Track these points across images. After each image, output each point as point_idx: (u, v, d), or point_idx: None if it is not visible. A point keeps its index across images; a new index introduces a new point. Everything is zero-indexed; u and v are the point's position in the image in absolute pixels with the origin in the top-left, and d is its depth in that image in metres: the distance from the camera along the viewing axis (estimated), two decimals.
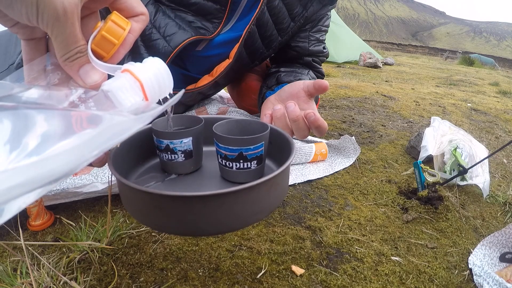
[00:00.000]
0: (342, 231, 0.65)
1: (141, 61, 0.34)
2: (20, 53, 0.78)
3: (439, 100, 2.06)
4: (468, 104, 2.00)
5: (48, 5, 0.27)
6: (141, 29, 0.36)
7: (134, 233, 0.59)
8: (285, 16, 0.87)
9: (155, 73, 0.33)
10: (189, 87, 0.88)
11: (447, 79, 3.52)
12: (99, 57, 0.33)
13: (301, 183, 0.82)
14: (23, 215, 0.59)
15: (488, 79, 3.89)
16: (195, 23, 0.81)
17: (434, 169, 0.90)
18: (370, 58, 4.22)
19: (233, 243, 0.58)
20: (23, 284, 0.44)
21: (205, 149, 0.49)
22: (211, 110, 1.00)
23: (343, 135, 1.00)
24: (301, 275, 0.53)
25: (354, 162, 0.95)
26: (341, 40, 4.48)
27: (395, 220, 0.70)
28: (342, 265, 0.56)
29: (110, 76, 0.33)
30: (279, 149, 0.46)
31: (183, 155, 0.44)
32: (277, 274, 0.52)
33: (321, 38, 0.98)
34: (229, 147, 0.40)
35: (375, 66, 4.13)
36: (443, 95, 2.30)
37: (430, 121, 1.38)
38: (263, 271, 0.52)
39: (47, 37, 0.34)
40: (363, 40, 5.83)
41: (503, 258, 0.60)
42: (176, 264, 0.53)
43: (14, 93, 0.29)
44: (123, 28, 0.33)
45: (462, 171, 0.83)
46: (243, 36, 0.83)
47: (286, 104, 0.58)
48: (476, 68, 6.34)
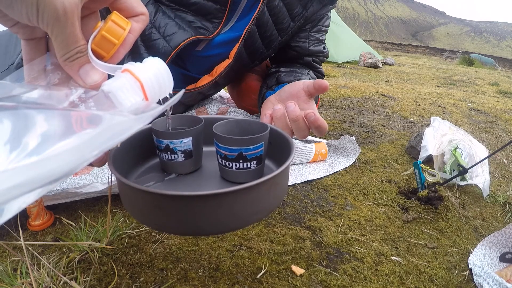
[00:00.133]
0: (342, 231, 0.65)
1: (141, 61, 0.34)
2: (20, 53, 0.78)
3: (439, 100, 2.06)
4: (468, 104, 2.00)
5: (48, 5, 0.27)
6: (141, 29, 0.36)
7: (134, 233, 0.59)
8: (285, 16, 0.87)
9: (155, 73, 0.33)
10: (189, 87, 0.88)
11: (447, 79, 3.52)
12: (99, 57, 0.33)
13: (301, 183, 0.82)
14: (23, 215, 0.59)
15: (488, 79, 3.89)
16: (195, 23, 0.81)
17: (434, 169, 0.90)
18: (370, 58, 4.22)
19: (233, 243, 0.58)
20: (23, 284, 0.44)
21: (205, 149, 0.49)
22: (211, 110, 1.00)
23: (343, 135, 1.00)
24: (301, 275, 0.53)
25: (354, 162, 0.95)
26: (341, 40, 4.48)
27: (395, 220, 0.70)
28: (342, 265, 0.56)
29: (110, 76, 0.33)
30: (279, 149, 0.46)
31: (183, 155, 0.44)
32: (277, 274, 0.52)
33: (321, 38, 0.98)
34: (229, 147, 0.40)
35: (375, 66, 4.13)
36: (443, 95, 2.30)
37: (430, 121, 1.38)
38: (263, 271, 0.52)
39: (47, 37, 0.34)
40: (363, 40, 5.83)
41: (503, 258, 0.60)
42: (176, 264, 0.53)
43: (14, 93, 0.29)
44: (123, 28, 0.33)
45: (462, 171, 0.83)
46: (243, 36, 0.83)
47: (286, 104, 0.58)
48: (476, 68, 6.35)
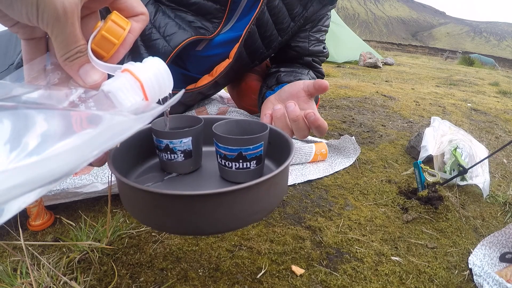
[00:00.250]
0: (342, 231, 0.65)
1: (141, 61, 0.34)
2: (20, 53, 0.78)
3: (439, 100, 2.06)
4: (468, 104, 2.00)
5: (48, 5, 0.27)
6: (141, 29, 0.36)
7: (134, 233, 0.59)
8: (285, 16, 0.87)
9: (155, 73, 0.33)
10: (189, 87, 0.88)
11: (447, 79, 3.52)
12: (99, 57, 0.33)
13: (301, 183, 0.82)
14: (23, 215, 0.59)
15: (488, 79, 3.89)
16: (195, 23, 0.81)
17: (434, 169, 0.90)
18: (370, 58, 4.22)
19: (233, 243, 0.58)
20: (23, 284, 0.44)
21: (204, 149, 0.49)
22: (211, 110, 1.00)
23: (343, 135, 1.00)
24: (301, 275, 0.53)
25: (354, 162, 0.95)
26: (341, 40, 4.48)
27: (395, 220, 0.70)
28: (342, 265, 0.56)
29: (110, 76, 0.33)
30: (278, 149, 0.46)
31: (182, 155, 0.44)
32: (277, 274, 0.52)
33: (321, 38, 0.98)
34: (229, 147, 0.40)
35: (375, 66, 4.13)
36: (443, 95, 2.30)
37: (430, 121, 1.38)
38: (263, 271, 0.52)
39: (47, 37, 0.34)
40: (363, 40, 5.83)
41: (503, 258, 0.60)
42: (176, 264, 0.53)
43: (14, 93, 0.29)
44: (123, 28, 0.33)
45: (462, 171, 0.83)
46: (243, 36, 0.83)
47: (286, 104, 0.58)
48: (476, 68, 6.35)
